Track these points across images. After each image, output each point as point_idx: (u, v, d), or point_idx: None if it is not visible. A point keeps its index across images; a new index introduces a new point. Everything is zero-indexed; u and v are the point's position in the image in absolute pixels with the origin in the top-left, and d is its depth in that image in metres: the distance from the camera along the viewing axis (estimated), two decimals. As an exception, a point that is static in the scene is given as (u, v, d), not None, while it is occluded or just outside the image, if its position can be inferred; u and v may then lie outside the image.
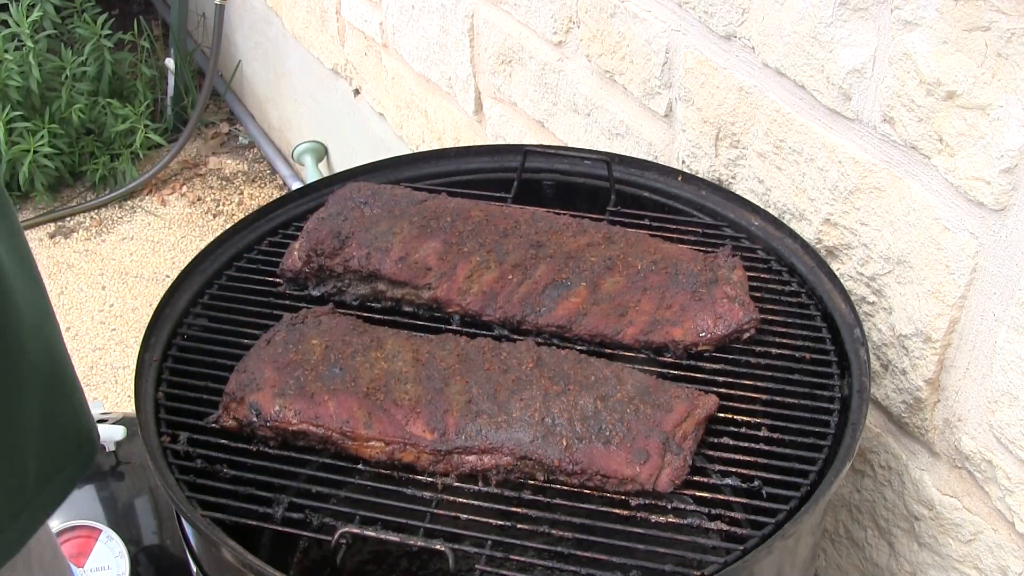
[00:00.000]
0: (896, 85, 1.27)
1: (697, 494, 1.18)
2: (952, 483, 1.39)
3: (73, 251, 3.57)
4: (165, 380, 1.35)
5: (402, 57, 2.64)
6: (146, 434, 1.26)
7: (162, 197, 3.81)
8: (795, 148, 1.49)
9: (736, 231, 1.53)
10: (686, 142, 1.72)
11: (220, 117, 4.23)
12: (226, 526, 1.15)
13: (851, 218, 1.43)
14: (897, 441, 1.48)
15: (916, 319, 1.36)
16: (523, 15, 2.05)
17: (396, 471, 1.23)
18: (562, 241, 1.44)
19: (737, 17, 1.52)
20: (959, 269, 1.26)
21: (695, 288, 1.35)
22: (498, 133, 2.30)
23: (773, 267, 1.47)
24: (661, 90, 1.75)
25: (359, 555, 1.52)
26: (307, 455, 1.28)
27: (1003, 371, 1.24)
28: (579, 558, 1.11)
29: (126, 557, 1.70)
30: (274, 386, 1.26)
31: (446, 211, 1.48)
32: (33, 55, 3.57)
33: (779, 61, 1.46)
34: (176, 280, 1.48)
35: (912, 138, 1.28)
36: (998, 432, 1.27)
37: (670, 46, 1.69)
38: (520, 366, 1.27)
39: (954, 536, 1.41)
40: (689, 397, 1.23)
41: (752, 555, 1.08)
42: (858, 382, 1.27)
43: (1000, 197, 1.18)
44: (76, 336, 3.20)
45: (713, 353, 1.34)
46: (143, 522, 1.77)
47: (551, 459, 1.18)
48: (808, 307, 1.40)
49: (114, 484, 1.78)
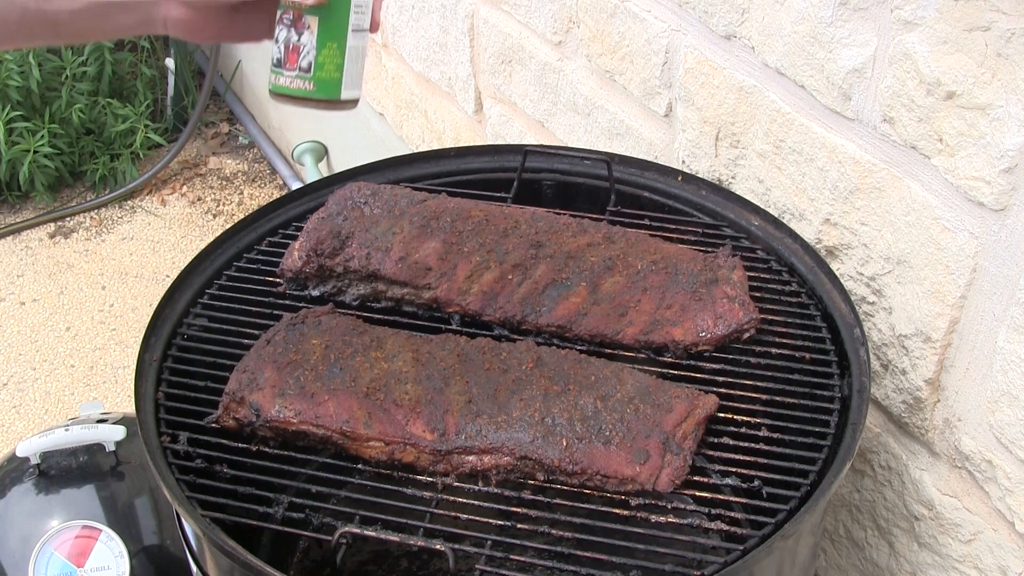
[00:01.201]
0: (896, 85, 1.27)
1: (697, 494, 1.18)
2: (952, 483, 1.39)
3: (73, 251, 3.56)
4: (165, 380, 1.35)
5: (402, 57, 2.64)
6: (146, 434, 1.26)
7: (162, 197, 3.81)
8: (795, 148, 1.49)
9: (736, 231, 1.53)
10: (686, 142, 1.72)
11: (220, 117, 4.23)
12: (226, 526, 1.15)
13: (851, 218, 1.43)
14: (897, 441, 1.48)
15: (916, 319, 1.35)
16: (523, 15, 2.05)
17: (396, 471, 1.23)
18: (562, 241, 1.44)
19: (737, 17, 1.52)
20: (959, 269, 1.26)
21: (695, 288, 1.35)
22: (498, 133, 2.30)
23: (773, 267, 1.47)
24: (661, 90, 1.74)
25: (359, 555, 1.52)
26: (307, 455, 1.28)
27: (1003, 371, 1.24)
28: (579, 558, 1.11)
29: (126, 557, 1.70)
30: (274, 386, 1.26)
31: (446, 211, 1.48)
32: (33, 55, 3.57)
33: (779, 61, 1.46)
34: (176, 280, 1.48)
35: (912, 138, 1.28)
36: (998, 432, 1.27)
37: (670, 46, 1.69)
38: (520, 366, 1.27)
39: (954, 536, 1.41)
40: (689, 397, 1.23)
41: (752, 555, 1.08)
42: (858, 382, 1.27)
43: (1000, 197, 1.18)
44: (76, 336, 3.20)
45: (713, 353, 1.34)
46: (143, 522, 1.77)
47: (551, 459, 1.18)
48: (808, 307, 1.40)
49: (114, 484, 1.78)
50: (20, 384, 3.04)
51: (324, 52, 1.12)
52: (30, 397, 2.99)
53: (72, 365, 3.10)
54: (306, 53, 1.12)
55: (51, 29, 1.09)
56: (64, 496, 1.76)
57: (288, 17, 1.12)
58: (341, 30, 1.12)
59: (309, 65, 1.12)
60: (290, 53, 1.12)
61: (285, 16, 1.12)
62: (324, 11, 1.11)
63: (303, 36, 1.11)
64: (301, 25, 1.11)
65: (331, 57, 1.12)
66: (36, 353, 3.14)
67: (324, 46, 1.11)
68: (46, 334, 3.20)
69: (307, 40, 1.11)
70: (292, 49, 1.12)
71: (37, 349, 3.15)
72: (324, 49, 1.12)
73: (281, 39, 1.12)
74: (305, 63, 1.12)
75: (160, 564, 1.76)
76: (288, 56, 1.12)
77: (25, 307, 3.32)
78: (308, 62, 1.12)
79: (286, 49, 1.12)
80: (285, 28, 1.12)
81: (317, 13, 1.11)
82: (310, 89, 1.13)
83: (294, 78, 1.13)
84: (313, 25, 1.11)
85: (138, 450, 1.81)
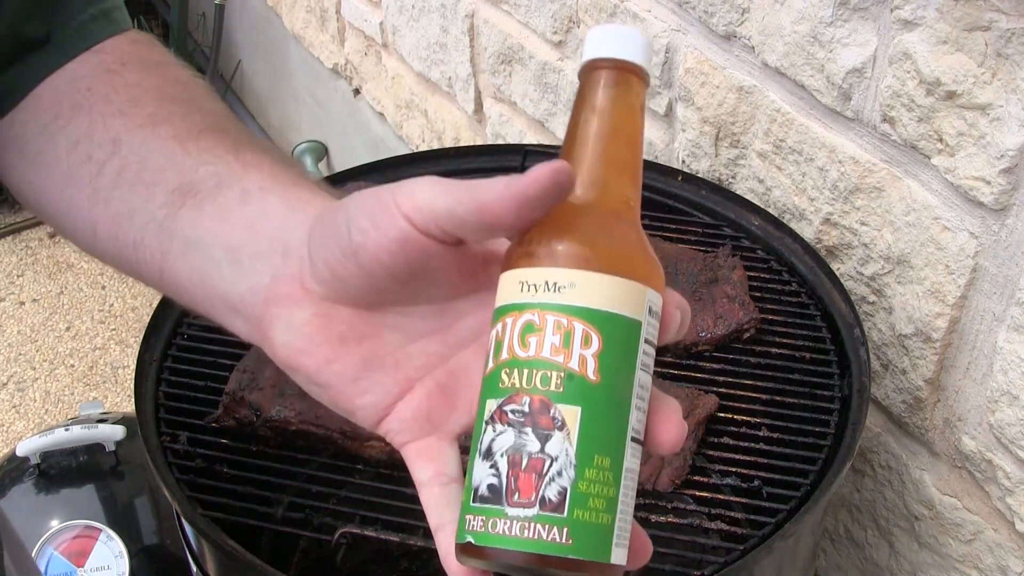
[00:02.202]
0: (896, 85, 1.27)
1: (697, 494, 1.18)
2: (952, 483, 1.39)
3: (73, 250, 3.56)
4: (165, 380, 1.35)
5: (402, 57, 2.64)
6: (146, 434, 1.26)
7: (162, 197, 3.81)
8: (795, 148, 1.49)
9: (736, 231, 1.53)
10: (686, 142, 1.72)
11: (220, 117, 4.23)
12: (226, 526, 1.15)
13: (851, 218, 1.43)
14: (897, 441, 1.48)
15: (916, 319, 1.35)
16: (523, 15, 2.05)
17: (396, 471, 1.23)
18: (562, 241, 1.43)
19: (737, 17, 1.52)
20: (959, 269, 1.26)
21: (695, 288, 1.35)
22: (498, 133, 2.30)
23: (773, 267, 1.47)
24: (661, 90, 1.74)
25: (359, 555, 1.52)
26: (307, 455, 1.28)
27: (1003, 371, 1.24)
28: (579, 558, 1.11)
29: (126, 557, 1.70)
30: (274, 386, 1.26)
31: (446, 211, 1.48)
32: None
33: (779, 61, 1.46)
34: (176, 280, 1.48)
35: (912, 138, 1.28)
36: (998, 432, 1.27)
37: (670, 46, 1.69)
38: (520, 366, 1.26)
39: (954, 536, 1.41)
40: (689, 397, 1.23)
41: (752, 555, 1.08)
42: (858, 382, 1.27)
43: (1000, 197, 1.18)
44: (76, 336, 3.20)
45: (713, 353, 1.34)
46: (143, 522, 1.77)
47: (551, 459, 1.17)
48: (808, 307, 1.40)
49: (114, 484, 1.78)
50: (20, 384, 3.04)
51: (589, 474, 0.56)
52: (30, 397, 2.99)
53: (72, 365, 3.10)
54: (554, 475, 0.56)
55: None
56: (64, 496, 1.76)
57: (518, 407, 0.56)
58: (618, 434, 0.57)
59: (561, 497, 0.55)
60: (520, 474, 0.56)
61: (510, 403, 0.56)
62: (591, 397, 0.56)
63: (550, 443, 0.56)
64: (545, 421, 0.56)
65: (600, 483, 0.56)
66: (36, 353, 3.14)
67: (590, 461, 0.56)
68: (46, 334, 3.20)
69: (557, 450, 0.56)
70: (525, 466, 0.56)
71: (37, 349, 3.15)
72: (589, 468, 0.56)
73: (497, 448, 0.57)
74: (553, 493, 0.55)
75: (160, 564, 1.76)
76: (517, 480, 0.56)
77: (25, 307, 3.32)
78: (559, 492, 0.55)
79: (511, 467, 0.56)
80: (504, 428, 0.57)
81: (580, 400, 0.56)
82: (562, 543, 0.55)
83: (529, 521, 0.55)
84: (571, 422, 0.56)
85: (138, 450, 1.81)
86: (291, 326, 0.60)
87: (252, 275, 0.62)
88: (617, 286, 0.57)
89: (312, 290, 0.60)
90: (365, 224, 0.57)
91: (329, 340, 0.60)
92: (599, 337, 0.56)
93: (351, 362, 0.60)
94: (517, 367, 0.56)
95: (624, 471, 0.57)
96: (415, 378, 0.61)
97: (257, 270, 0.62)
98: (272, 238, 0.62)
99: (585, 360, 0.56)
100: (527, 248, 0.57)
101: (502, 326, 0.57)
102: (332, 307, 0.60)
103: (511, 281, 0.58)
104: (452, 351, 0.62)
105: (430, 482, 0.62)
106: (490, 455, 0.57)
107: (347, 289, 0.59)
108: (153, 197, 0.67)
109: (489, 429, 0.57)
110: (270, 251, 0.62)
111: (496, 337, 0.58)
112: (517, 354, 0.56)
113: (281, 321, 0.60)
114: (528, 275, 0.57)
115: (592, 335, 0.56)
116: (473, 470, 0.58)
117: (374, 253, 0.56)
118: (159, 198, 0.66)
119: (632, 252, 0.59)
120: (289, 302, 0.60)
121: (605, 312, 0.56)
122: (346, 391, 0.61)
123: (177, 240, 0.65)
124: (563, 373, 0.56)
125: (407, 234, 0.56)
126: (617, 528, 0.57)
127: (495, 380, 0.57)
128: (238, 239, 0.63)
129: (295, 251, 0.60)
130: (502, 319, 0.58)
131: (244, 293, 0.63)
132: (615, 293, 0.57)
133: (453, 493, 0.61)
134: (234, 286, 0.63)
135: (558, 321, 0.56)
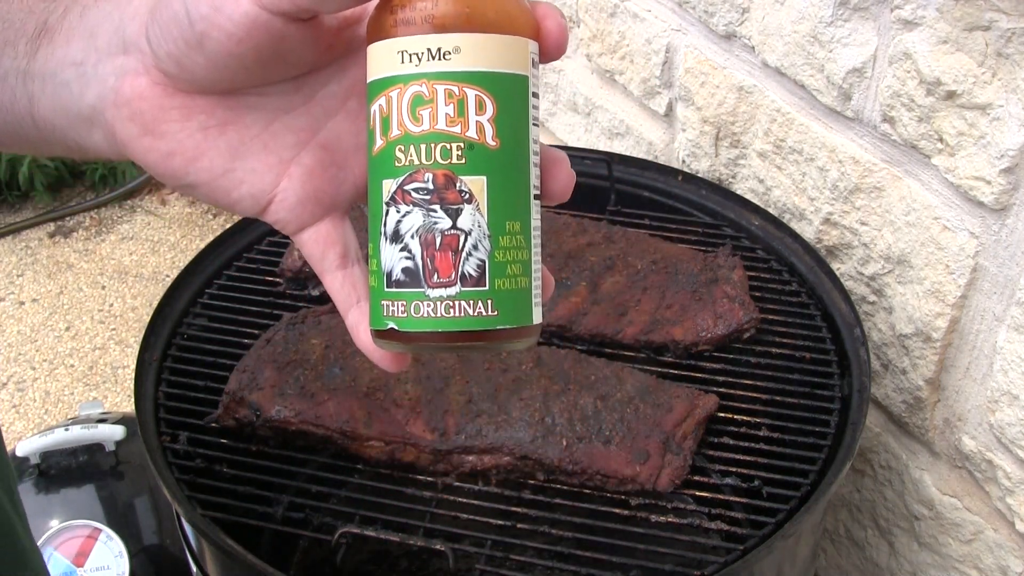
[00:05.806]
0: (896, 85, 1.27)
1: (697, 494, 1.18)
2: (952, 483, 1.39)
3: (73, 251, 3.56)
4: (165, 380, 1.35)
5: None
6: (146, 434, 1.26)
7: (162, 197, 3.81)
8: (795, 148, 1.49)
9: (736, 231, 1.53)
10: (686, 142, 1.72)
11: (220, 117, 4.23)
12: (226, 526, 1.15)
13: (851, 218, 1.43)
14: (897, 441, 1.48)
15: (916, 319, 1.35)
16: (523, 15, 2.05)
17: (396, 471, 1.23)
18: (562, 240, 1.44)
19: (737, 17, 1.52)
20: (959, 269, 1.26)
21: (695, 288, 1.35)
22: (498, 133, 2.30)
23: (773, 267, 1.47)
24: (661, 90, 1.74)
25: (359, 555, 1.52)
26: (307, 455, 1.28)
27: (1003, 371, 1.24)
28: (579, 558, 1.11)
29: (126, 557, 1.70)
30: (274, 386, 1.26)
31: (446, 211, 1.48)
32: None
33: (779, 60, 1.46)
34: (176, 280, 1.48)
35: (912, 138, 1.28)
36: (998, 432, 1.27)
37: (670, 45, 1.69)
38: (520, 366, 1.27)
39: (954, 536, 1.40)
40: (689, 397, 1.23)
41: (752, 555, 1.08)
42: (858, 382, 1.27)
43: (1000, 197, 1.18)
44: (76, 336, 3.20)
45: (713, 353, 1.34)
46: (143, 522, 1.77)
47: (551, 459, 1.18)
48: (808, 307, 1.40)
49: (114, 484, 1.78)
50: (20, 384, 3.04)
51: (504, 241, 0.55)
52: (30, 397, 2.99)
53: (72, 365, 3.10)
54: (470, 249, 0.55)
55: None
56: (64, 496, 1.76)
57: (421, 185, 0.54)
58: (523, 195, 0.56)
59: (481, 271, 0.55)
60: (436, 254, 0.54)
61: (412, 181, 0.54)
62: (494, 164, 0.54)
63: (461, 217, 0.54)
64: (452, 195, 0.54)
65: (514, 249, 0.56)
66: (36, 353, 3.14)
67: (502, 229, 0.55)
68: (46, 334, 3.20)
69: (470, 223, 0.54)
70: (440, 245, 0.54)
71: (37, 349, 3.15)
72: (503, 236, 0.55)
73: (406, 230, 0.55)
74: (472, 268, 0.55)
75: (160, 564, 1.76)
76: (433, 261, 0.54)
77: (25, 307, 3.32)
78: (478, 265, 0.55)
79: (424, 247, 0.55)
80: (411, 208, 0.54)
81: (484, 168, 0.54)
82: (488, 315, 0.55)
83: (453, 300, 0.54)
84: (479, 193, 0.54)
85: (138, 450, 1.81)
86: (145, 126, 0.56)
87: (97, 82, 0.58)
88: (503, 44, 0.54)
89: (161, 83, 0.56)
90: (206, 9, 0.52)
91: (190, 133, 0.57)
92: (492, 101, 0.54)
93: (218, 153, 0.57)
94: (413, 143, 0.54)
95: (532, 230, 0.57)
96: (288, 158, 0.58)
97: (100, 75, 0.58)
98: (109, 39, 0.58)
99: (483, 127, 0.54)
100: (402, 15, 0.53)
101: (385, 100, 0.54)
102: (186, 98, 0.56)
103: (387, 51, 0.54)
104: (320, 122, 0.59)
105: (333, 268, 0.60)
106: (398, 237, 0.55)
107: (197, 80, 0.55)
108: (17, 52, 0.63)
109: (392, 211, 0.55)
110: (108, 52, 0.57)
111: (380, 113, 0.54)
112: (410, 129, 0.53)
113: (134, 123, 0.57)
114: (407, 44, 0.53)
115: (486, 100, 0.53)
116: (380, 254, 0.56)
117: (220, 42, 0.52)
118: (21, 49, 0.63)
119: (510, 6, 0.55)
120: (139, 100, 0.56)
121: (495, 73, 0.54)
122: (221, 185, 0.58)
123: (38, 80, 0.61)
124: (463, 143, 0.53)
125: (254, 17, 0.52)
126: (534, 288, 0.58)
127: (388, 158, 0.54)
128: (81, 52, 0.59)
129: (133, 45, 0.56)
130: (384, 93, 0.54)
131: (94, 102, 0.58)
132: (502, 52, 0.54)
133: (357, 274, 0.60)
134: (83, 99, 0.59)
135: (449, 90, 0.53)
